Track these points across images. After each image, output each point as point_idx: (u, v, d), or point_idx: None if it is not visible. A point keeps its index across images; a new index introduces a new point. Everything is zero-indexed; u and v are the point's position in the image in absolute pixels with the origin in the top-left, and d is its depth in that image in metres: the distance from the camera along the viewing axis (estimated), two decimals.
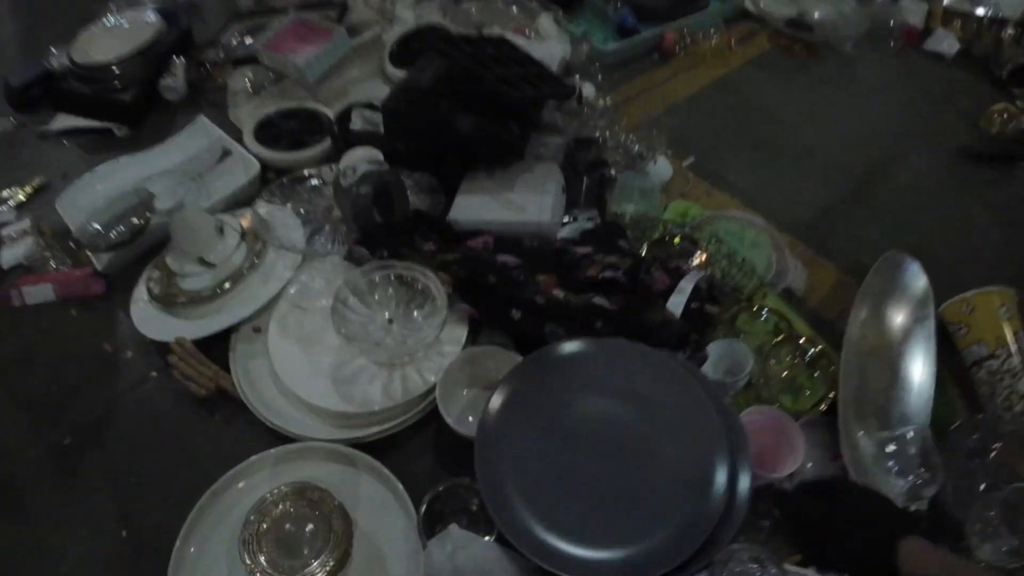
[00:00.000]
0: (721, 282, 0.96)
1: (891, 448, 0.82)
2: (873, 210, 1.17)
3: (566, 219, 1.07)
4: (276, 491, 0.80)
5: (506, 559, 0.73)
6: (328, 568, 0.76)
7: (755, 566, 0.69)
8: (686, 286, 0.88)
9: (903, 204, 1.18)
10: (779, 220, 1.11)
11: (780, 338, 0.92)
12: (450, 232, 1.01)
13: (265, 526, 0.78)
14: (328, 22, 1.35)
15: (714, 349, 0.88)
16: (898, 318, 0.97)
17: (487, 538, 0.75)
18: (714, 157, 1.24)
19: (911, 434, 0.83)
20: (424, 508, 0.78)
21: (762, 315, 0.95)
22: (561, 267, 0.94)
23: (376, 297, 0.93)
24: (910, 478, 0.80)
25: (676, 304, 0.87)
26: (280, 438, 0.88)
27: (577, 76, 1.28)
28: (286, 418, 0.89)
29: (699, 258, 0.97)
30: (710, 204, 1.15)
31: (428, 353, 0.90)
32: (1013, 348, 0.92)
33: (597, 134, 1.17)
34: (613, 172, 1.14)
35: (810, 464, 0.84)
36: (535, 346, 0.88)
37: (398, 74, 1.33)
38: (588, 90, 1.28)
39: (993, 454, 0.84)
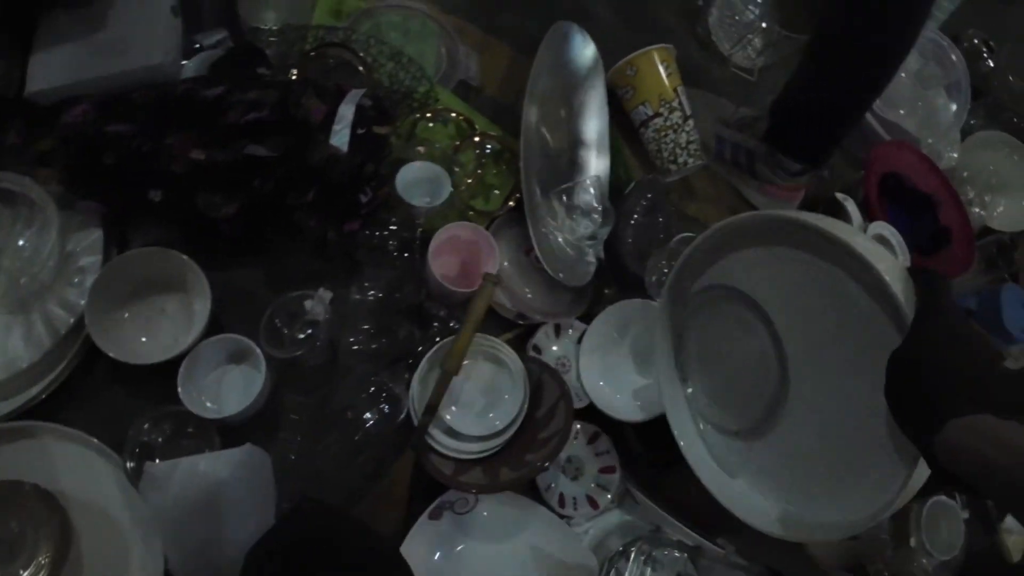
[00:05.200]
0: (390, 90, 0.86)
1: (569, 198, 0.86)
2: None
3: (196, 46, 0.86)
4: None
5: (222, 463, 0.68)
6: (46, 562, 0.65)
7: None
8: (346, 111, 0.77)
9: None
10: (443, 1, 1.00)
11: (460, 142, 0.88)
12: (36, 111, 0.77)
13: None
14: None
15: (403, 176, 0.81)
16: (571, 90, 0.97)
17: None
18: None
19: (586, 181, 0.87)
20: (129, 454, 0.69)
21: (443, 119, 0.89)
22: (192, 120, 0.76)
23: None
24: (589, 220, 0.86)
25: (340, 135, 0.76)
26: None
27: None
28: None
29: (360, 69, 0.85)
30: None
31: (64, 274, 0.73)
32: (675, 103, 0.97)
33: None
34: None
35: (506, 263, 0.86)
36: (203, 226, 0.75)
37: None
38: None
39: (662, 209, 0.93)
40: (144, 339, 0.75)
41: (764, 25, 1.11)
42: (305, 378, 0.79)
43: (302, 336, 0.78)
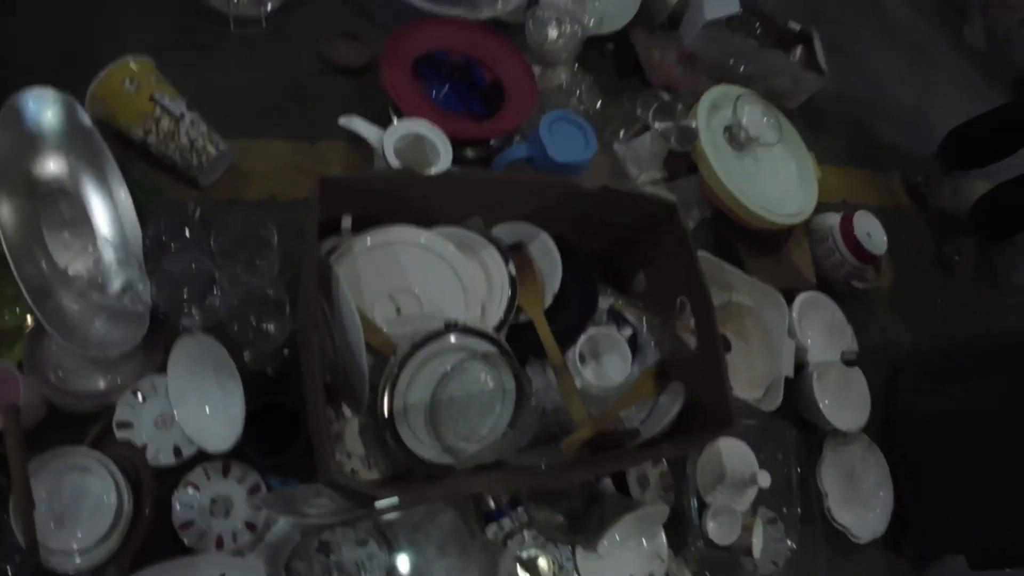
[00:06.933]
0: None
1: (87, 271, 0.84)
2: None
3: None
4: None
5: None
6: None
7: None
8: None
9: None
10: None
11: None
12: None
13: None
14: None
15: None
16: (59, 160, 0.90)
17: None
18: None
19: (88, 247, 0.84)
20: None
21: None
22: None
23: None
24: (119, 278, 0.85)
25: None
26: None
27: None
28: None
29: None
30: None
31: None
32: (157, 112, 0.92)
33: None
34: None
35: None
36: None
37: None
38: None
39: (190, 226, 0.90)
40: None
41: None
42: None
43: None
